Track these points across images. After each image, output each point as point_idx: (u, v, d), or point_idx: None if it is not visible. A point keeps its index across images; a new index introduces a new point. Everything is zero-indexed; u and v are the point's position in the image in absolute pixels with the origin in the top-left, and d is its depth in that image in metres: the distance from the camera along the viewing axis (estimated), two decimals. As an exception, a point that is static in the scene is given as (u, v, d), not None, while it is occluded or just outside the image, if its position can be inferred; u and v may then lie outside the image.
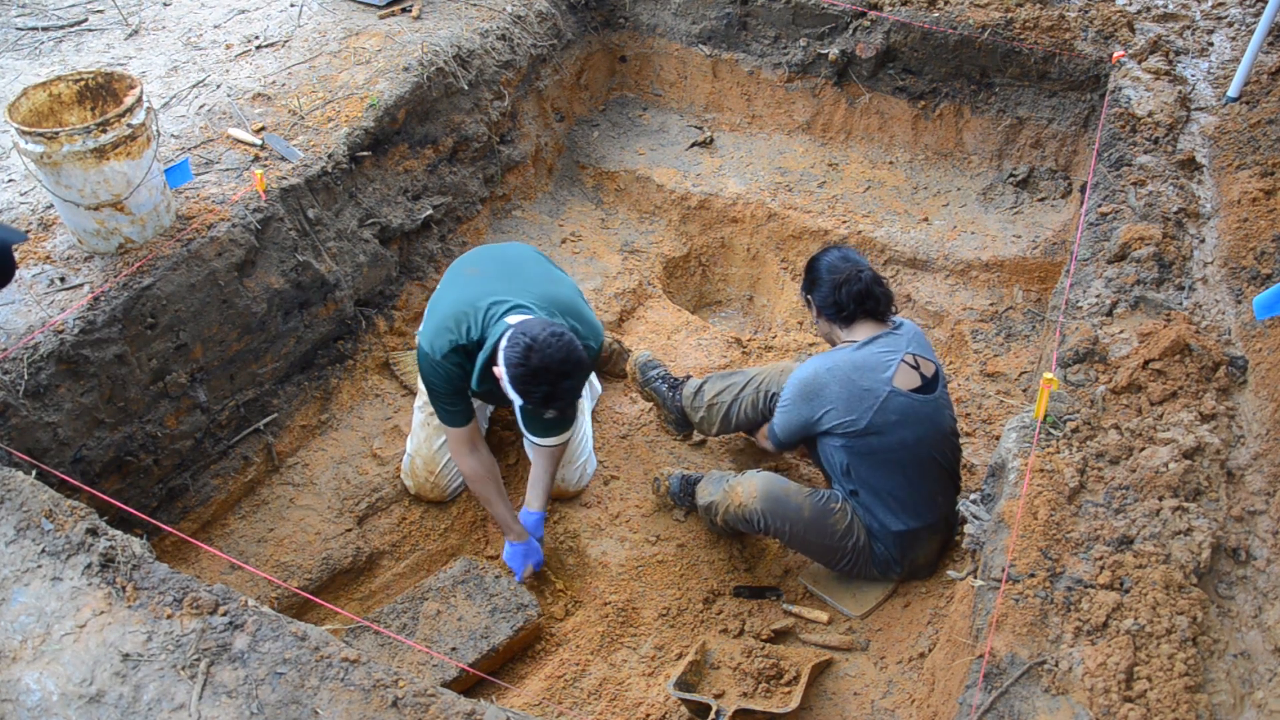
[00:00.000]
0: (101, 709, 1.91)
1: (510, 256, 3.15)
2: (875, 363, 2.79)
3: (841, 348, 2.90)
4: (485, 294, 2.88)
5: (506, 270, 3.03)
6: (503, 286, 2.91)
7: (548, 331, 2.62)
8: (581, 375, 2.69)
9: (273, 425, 3.31)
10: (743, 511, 2.93)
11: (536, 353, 2.59)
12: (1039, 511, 2.25)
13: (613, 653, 2.88)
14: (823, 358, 2.89)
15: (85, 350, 2.72)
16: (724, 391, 3.26)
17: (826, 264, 2.98)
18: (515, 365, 2.62)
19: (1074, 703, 1.90)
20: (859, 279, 2.87)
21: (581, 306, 3.03)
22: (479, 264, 3.09)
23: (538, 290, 2.93)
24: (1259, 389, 2.59)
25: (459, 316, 2.86)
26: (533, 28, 4.52)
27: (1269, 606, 2.09)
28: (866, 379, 2.77)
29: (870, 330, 2.89)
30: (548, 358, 2.59)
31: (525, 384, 2.63)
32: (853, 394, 2.76)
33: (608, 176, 4.72)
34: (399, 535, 3.22)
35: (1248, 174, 3.32)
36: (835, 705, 2.72)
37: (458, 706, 1.93)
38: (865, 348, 2.83)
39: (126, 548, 2.17)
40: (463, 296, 2.90)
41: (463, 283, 3.00)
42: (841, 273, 2.90)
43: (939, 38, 4.33)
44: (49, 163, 2.69)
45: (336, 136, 3.54)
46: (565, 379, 2.62)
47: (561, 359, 2.60)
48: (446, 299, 2.95)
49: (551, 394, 2.63)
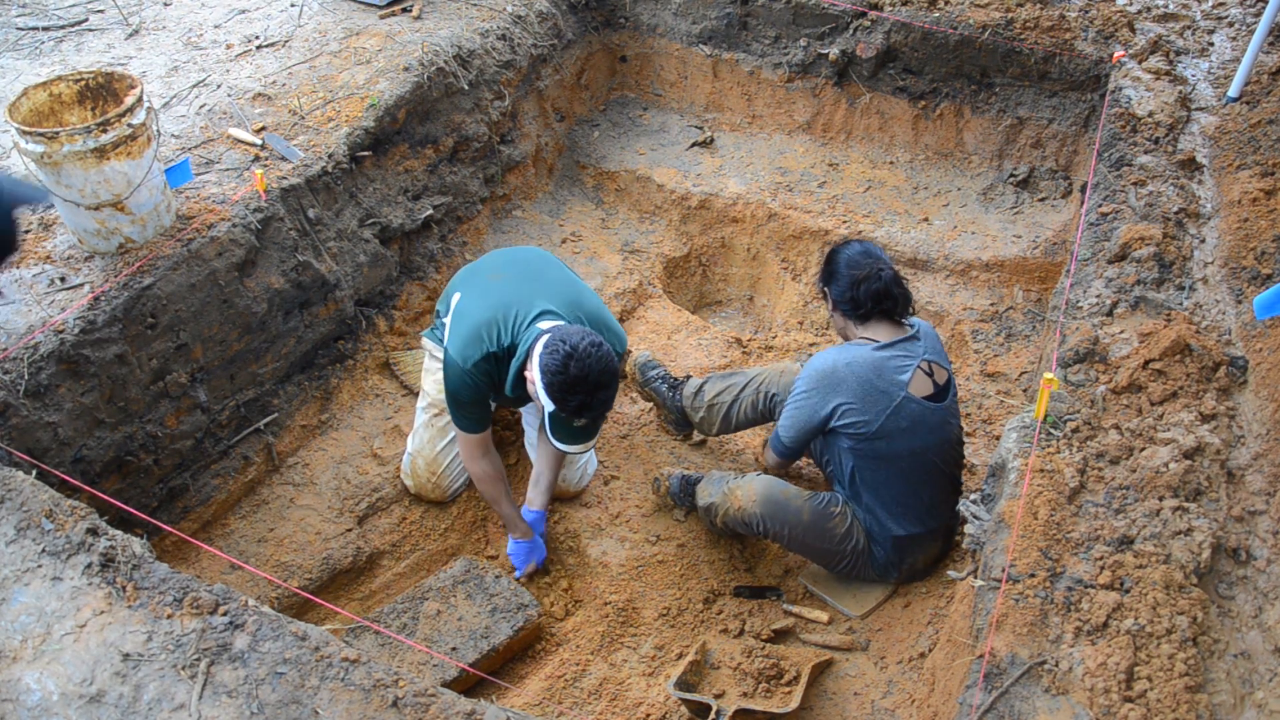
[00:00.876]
0: (101, 709, 1.91)
1: (532, 261, 3.12)
2: (893, 366, 2.76)
3: (860, 344, 2.84)
4: (514, 300, 2.86)
5: (530, 274, 3.00)
6: (529, 291, 2.89)
7: (587, 341, 2.61)
8: (615, 387, 2.69)
9: (273, 425, 3.31)
10: (742, 515, 2.93)
11: (576, 361, 2.57)
12: (1039, 511, 2.25)
13: (613, 653, 2.88)
14: (840, 351, 2.83)
15: (85, 350, 2.72)
16: (724, 391, 3.25)
17: (846, 258, 2.90)
18: (554, 373, 2.60)
19: (1074, 703, 1.90)
20: (879, 278, 2.81)
21: (607, 314, 3.03)
22: (501, 269, 3.05)
23: (564, 296, 2.91)
24: (1259, 389, 2.59)
25: (490, 324, 2.83)
26: (533, 28, 4.52)
27: (1269, 606, 2.09)
28: (884, 380, 2.74)
29: (887, 332, 2.84)
30: (587, 367, 2.57)
31: (562, 392, 2.61)
32: (869, 393, 2.73)
33: (608, 176, 4.72)
34: (399, 535, 3.22)
35: (1248, 174, 3.31)
36: (835, 705, 2.72)
37: (458, 706, 1.93)
38: (885, 350, 2.79)
39: (127, 548, 2.17)
40: (492, 304, 2.87)
41: (488, 289, 2.96)
42: (862, 269, 2.83)
43: (939, 38, 4.33)
44: (49, 163, 2.69)
45: (337, 136, 3.54)
46: (602, 390, 2.62)
47: (600, 369, 2.59)
48: (475, 308, 2.90)
49: (587, 403, 2.62)
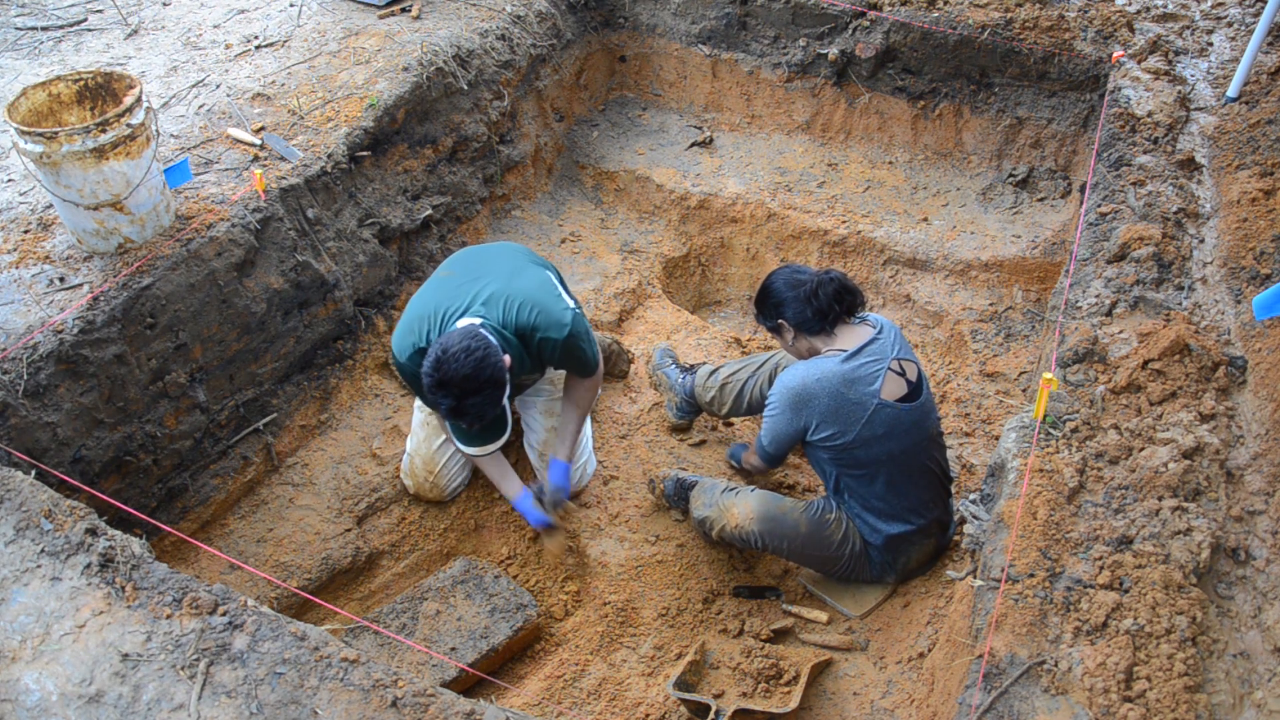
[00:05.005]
0: (101, 709, 1.91)
1: (487, 256, 3.11)
2: (863, 375, 2.72)
3: (829, 357, 2.79)
4: (451, 297, 2.89)
5: (476, 270, 3.00)
6: (466, 288, 2.91)
7: (460, 345, 2.59)
8: (491, 393, 2.64)
9: (272, 425, 3.31)
10: (740, 532, 2.93)
11: (444, 365, 2.57)
12: (1038, 511, 2.25)
13: (612, 653, 2.88)
14: (809, 366, 2.79)
15: (85, 350, 2.72)
16: (740, 370, 3.25)
17: (784, 280, 2.89)
18: (426, 374, 2.61)
19: (1073, 703, 1.90)
20: (829, 280, 2.81)
21: (543, 297, 2.91)
22: (454, 266, 3.09)
23: (498, 287, 2.89)
24: (1258, 389, 2.59)
25: (422, 319, 2.88)
26: (532, 28, 4.52)
27: (1268, 606, 2.09)
28: (855, 392, 2.71)
29: (852, 337, 2.80)
30: (452, 371, 2.56)
31: (432, 394, 2.62)
32: (841, 407, 2.71)
33: (607, 176, 4.72)
34: (398, 535, 3.22)
35: (1247, 174, 3.31)
36: (835, 705, 2.72)
37: (457, 706, 1.93)
38: (853, 359, 2.74)
39: (126, 548, 2.17)
40: (429, 300, 2.92)
41: (434, 286, 3.00)
42: (806, 281, 2.83)
43: (939, 38, 4.33)
44: (48, 163, 2.69)
45: (336, 136, 3.54)
46: (470, 395, 2.60)
47: (466, 375, 2.57)
48: (416, 303, 2.97)
49: (456, 408, 2.61)
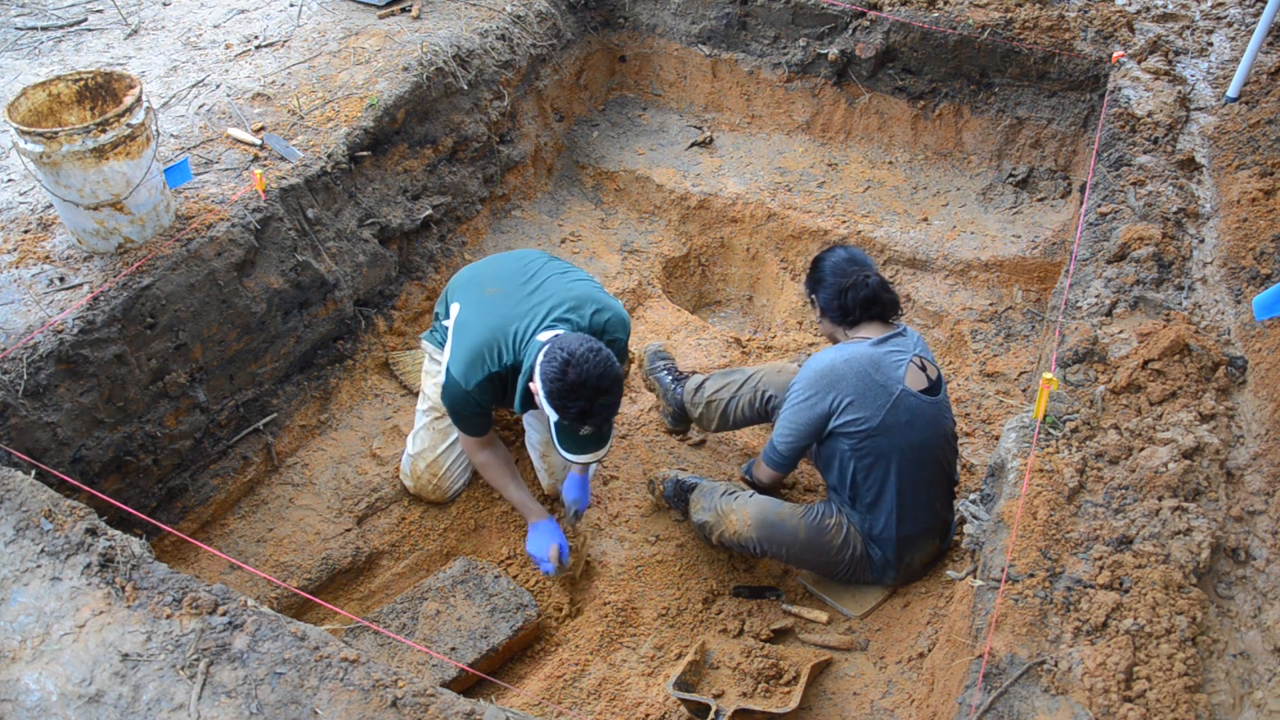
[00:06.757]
0: (101, 709, 1.91)
1: (528, 266, 3.07)
2: (890, 360, 2.77)
3: (856, 342, 2.84)
4: (513, 314, 2.85)
5: (526, 281, 2.98)
6: (527, 301, 2.88)
7: (585, 347, 2.59)
8: (618, 391, 2.66)
9: (272, 425, 3.31)
10: (738, 539, 2.93)
11: (574, 368, 2.56)
12: (1038, 511, 2.25)
13: (612, 653, 2.88)
14: (837, 350, 2.83)
15: (84, 350, 2.72)
16: (723, 389, 3.25)
17: (832, 265, 2.94)
18: (552, 380, 2.58)
19: (1073, 703, 1.90)
20: (865, 284, 2.85)
21: (603, 294, 2.99)
22: (497, 280, 3.02)
23: (561, 294, 2.89)
24: (1258, 389, 2.59)
25: (490, 345, 2.83)
26: (532, 28, 4.52)
27: (1268, 606, 2.09)
28: (881, 375, 2.74)
29: (877, 331, 2.86)
30: (585, 373, 2.55)
31: (562, 399, 2.59)
32: (869, 388, 2.73)
33: (607, 176, 4.72)
34: (398, 535, 3.22)
35: (1247, 174, 3.31)
36: (835, 705, 2.72)
37: (457, 706, 1.93)
38: (880, 345, 2.80)
39: (126, 548, 2.17)
40: (491, 322, 2.86)
41: (487, 305, 2.93)
42: (849, 277, 2.87)
43: (939, 38, 4.33)
44: (48, 162, 2.69)
45: (336, 136, 3.54)
46: (602, 394, 2.59)
47: (599, 374, 2.57)
48: (474, 326, 2.89)
49: (588, 409, 2.60)
